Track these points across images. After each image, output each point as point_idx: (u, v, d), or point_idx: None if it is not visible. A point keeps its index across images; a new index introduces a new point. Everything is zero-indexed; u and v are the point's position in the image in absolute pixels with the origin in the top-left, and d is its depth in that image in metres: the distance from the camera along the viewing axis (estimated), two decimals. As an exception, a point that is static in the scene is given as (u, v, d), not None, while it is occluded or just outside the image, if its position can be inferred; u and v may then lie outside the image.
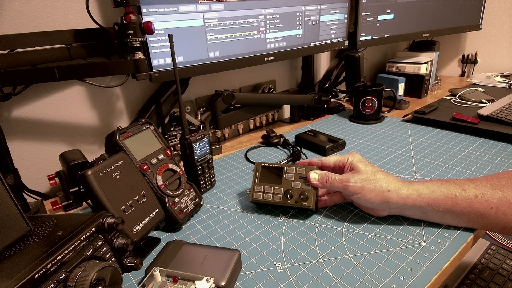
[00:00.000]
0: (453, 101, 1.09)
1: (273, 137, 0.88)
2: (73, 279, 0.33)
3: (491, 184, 0.46)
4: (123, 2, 0.59)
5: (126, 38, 0.61)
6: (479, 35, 1.52)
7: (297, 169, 0.56)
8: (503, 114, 0.87)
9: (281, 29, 0.88)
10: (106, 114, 0.79)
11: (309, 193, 0.54)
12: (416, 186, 0.49)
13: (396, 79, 1.14)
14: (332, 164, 0.56)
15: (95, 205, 0.45)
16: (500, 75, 1.37)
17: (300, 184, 0.55)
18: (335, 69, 1.22)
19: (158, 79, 0.70)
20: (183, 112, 0.61)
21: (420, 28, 1.24)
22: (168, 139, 0.85)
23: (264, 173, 0.58)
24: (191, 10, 0.70)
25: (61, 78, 0.60)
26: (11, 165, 0.60)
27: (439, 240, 0.48)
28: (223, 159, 0.83)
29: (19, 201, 0.39)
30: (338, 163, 0.55)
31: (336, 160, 0.55)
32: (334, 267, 0.45)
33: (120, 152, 0.51)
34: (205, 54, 0.76)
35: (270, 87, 1.05)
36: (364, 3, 1.03)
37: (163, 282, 0.40)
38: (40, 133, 0.71)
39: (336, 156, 0.56)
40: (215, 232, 0.55)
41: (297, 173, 0.56)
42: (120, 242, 0.40)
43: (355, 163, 0.52)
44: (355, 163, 0.52)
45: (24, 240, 0.36)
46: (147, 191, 0.51)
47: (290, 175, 0.56)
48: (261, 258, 0.48)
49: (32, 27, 0.64)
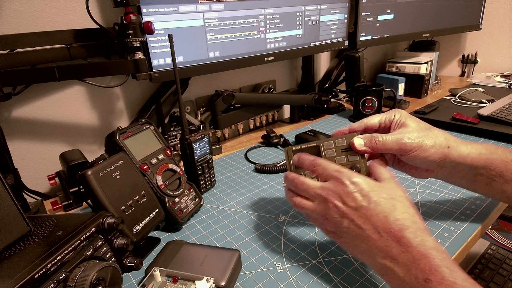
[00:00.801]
0: (453, 101, 1.09)
1: (273, 137, 0.88)
2: (73, 279, 0.33)
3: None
4: (123, 2, 0.59)
5: (126, 38, 0.61)
6: (479, 35, 1.52)
7: (336, 142, 0.47)
8: (503, 114, 0.87)
9: (281, 29, 0.88)
10: (106, 114, 0.79)
11: (360, 164, 0.46)
12: (474, 145, 0.46)
13: (396, 79, 1.14)
14: (377, 124, 0.49)
15: (95, 205, 0.45)
16: (500, 75, 1.37)
17: (345, 157, 0.47)
18: (335, 69, 1.22)
19: (158, 79, 0.70)
20: (183, 112, 0.61)
21: (420, 28, 1.24)
22: (168, 139, 0.85)
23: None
24: (191, 10, 0.70)
25: (61, 78, 0.60)
26: (11, 165, 0.60)
27: (439, 240, 0.48)
28: (223, 159, 0.83)
29: (19, 201, 0.39)
30: (384, 121, 0.48)
31: (381, 119, 0.49)
32: (334, 267, 0.45)
33: (120, 152, 0.51)
34: (205, 54, 0.76)
35: (270, 87, 1.05)
36: (364, 3, 1.03)
37: (163, 282, 0.40)
38: (40, 133, 0.71)
39: (379, 115, 0.49)
40: (215, 232, 0.55)
41: (337, 146, 0.47)
42: (120, 242, 0.40)
43: (404, 119, 0.46)
44: (404, 119, 0.46)
45: (24, 240, 0.36)
46: (147, 191, 0.51)
47: (330, 151, 0.47)
48: (261, 258, 0.48)
49: (32, 27, 0.64)
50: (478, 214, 0.54)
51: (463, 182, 0.48)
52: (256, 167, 0.74)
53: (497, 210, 0.55)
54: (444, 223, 0.52)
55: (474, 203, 0.57)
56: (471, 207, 0.56)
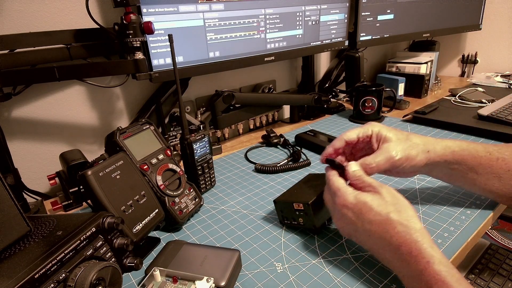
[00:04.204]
0: (453, 101, 1.09)
1: (273, 137, 0.88)
2: (73, 279, 0.33)
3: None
4: (123, 2, 0.59)
5: (126, 38, 0.61)
6: (479, 35, 1.52)
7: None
8: (503, 114, 0.87)
9: (281, 29, 0.88)
10: (106, 114, 0.79)
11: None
12: (448, 143, 0.51)
13: (396, 79, 1.14)
14: (356, 139, 0.50)
15: (95, 205, 0.45)
16: (500, 75, 1.37)
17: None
18: (335, 69, 1.22)
19: (158, 79, 0.70)
20: (183, 112, 0.61)
21: (420, 28, 1.24)
22: (168, 139, 0.85)
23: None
24: (191, 10, 0.70)
25: (61, 78, 0.60)
26: (11, 165, 0.60)
27: (439, 240, 0.48)
28: (223, 159, 0.83)
29: (19, 201, 0.39)
30: (362, 136, 0.50)
31: (359, 134, 0.50)
32: (334, 267, 0.45)
33: (120, 152, 0.51)
34: (205, 54, 0.76)
35: (270, 87, 1.05)
36: (364, 3, 1.03)
37: (163, 282, 0.40)
38: (40, 133, 0.71)
39: (356, 130, 0.50)
40: (215, 232, 0.55)
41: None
42: (120, 242, 0.40)
43: (385, 133, 0.49)
44: (384, 133, 0.49)
45: (24, 240, 0.36)
46: (147, 191, 0.51)
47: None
48: (261, 258, 0.48)
49: (32, 27, 0.64)
50: (478, 214, 0.54)
51: (441, 176, 0.54)
52: (256, 167, 0.74)
53: (497, 210, 0.55)
54: (444, 223, 0.52)
55: (474, 203, 0.57)
56: (471, 207, 0.56)
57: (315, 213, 0.49)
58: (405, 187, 0.63)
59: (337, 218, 0.44)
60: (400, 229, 0.38)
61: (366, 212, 0.40)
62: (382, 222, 0.39)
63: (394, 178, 0.67)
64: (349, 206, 0.42)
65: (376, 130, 0.50)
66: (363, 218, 0.40)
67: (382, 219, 0.39)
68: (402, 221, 0.38)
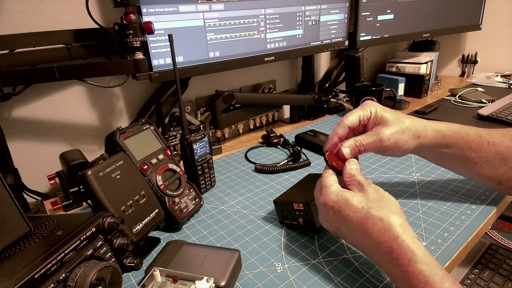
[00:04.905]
0: (453, 101, 1.09)
1: (273, 137, 0.88)
2: (73, 279, 0.33)
3: (502, 133, 0.51)
4: (123, 2, 0.59)
5: (126, 38, 0.61)
6: (479, 35, 1.52)
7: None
8: (503, 114, 0.87)
9: (281, 29, 0.88)
10: (106, 114, 0.79)
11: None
12: (439, 127, 0.51)
13: (396, 79, 1.14)
14: (358, 123, 0.50)
15: (95, 205, 0.45)
16: (500, 75, 1.37)
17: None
18: (335, 69, 1.22)
19: (158, 79, 0.70)
20: (183, 112, 0.61)
21: (420, 28, 1.24)
22: (168, 139, 0.85)
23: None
24: (191, 10, 0.70)
25: (61, 78, 0.60)
26: (11, 165, 0.60)
27: (439, 240, 0.48)
28: (223, 159, 0.83)
29: (19, 201, 0.39)
30: (363, 119, 0.50)
31: (360, 116, 0.50)
32: (334, 267, 0.45)
33: (120, 152, 0.51)
34: (205, 54, 0.76)
35: (270, 87, 1.05)
36: (364, 3, 1.03)
37: (163, 282, 0.40)
38: (40, 133, 0.71)
39: (357, 112, 0.50)
40: (215, 232, 0.55)
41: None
42: (120, 242, 0.40)
43: (381, 113, 0.49)
44: (380, 113, 0.49)
45: (24, 240, 0.36)
46: (147, 191, 0.51)
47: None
48: (261, 258, 0.48)
49: (32, 27, 0.64)
50: (478, 214, 0.54)
51: (429, 157, 0.55)
52: (256, 167, 0.74)
53: (497, 210, 0.55)
54: (444, 223, 0.52)
55: (474, 203, 0.56)
56: (471, 207, 0.56)
57: (315, 213, 0.49)
58: (405, 187, 0.63)
59: (321, 216, 0.44)
60: (379, 225, 0.37)
61: (346, 209, 0.39)
62: (362, 218, 0.38)
63: (395, 178, 0.67)
64: (330, 203, 0.41)
65: (374, 110, 0.50)
66: (344, 215, 0.40)
67: (362, 215, 0.38)
68: (382, 217, 0.37)
